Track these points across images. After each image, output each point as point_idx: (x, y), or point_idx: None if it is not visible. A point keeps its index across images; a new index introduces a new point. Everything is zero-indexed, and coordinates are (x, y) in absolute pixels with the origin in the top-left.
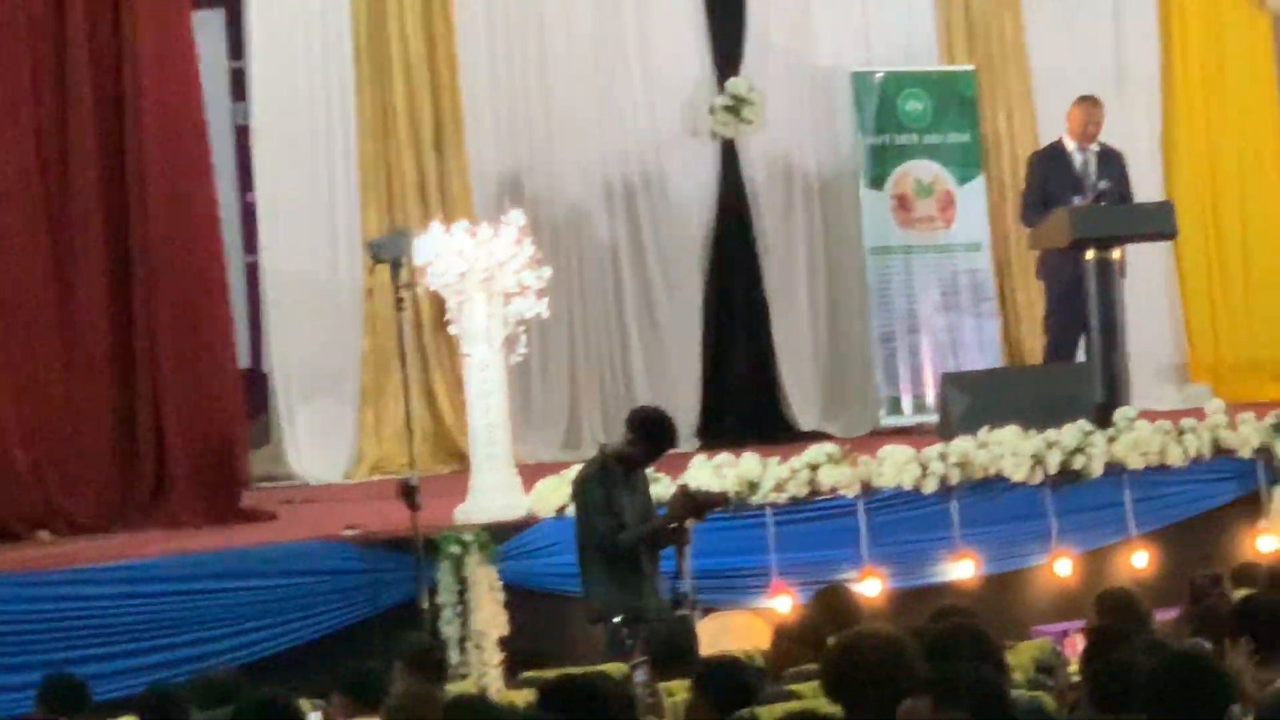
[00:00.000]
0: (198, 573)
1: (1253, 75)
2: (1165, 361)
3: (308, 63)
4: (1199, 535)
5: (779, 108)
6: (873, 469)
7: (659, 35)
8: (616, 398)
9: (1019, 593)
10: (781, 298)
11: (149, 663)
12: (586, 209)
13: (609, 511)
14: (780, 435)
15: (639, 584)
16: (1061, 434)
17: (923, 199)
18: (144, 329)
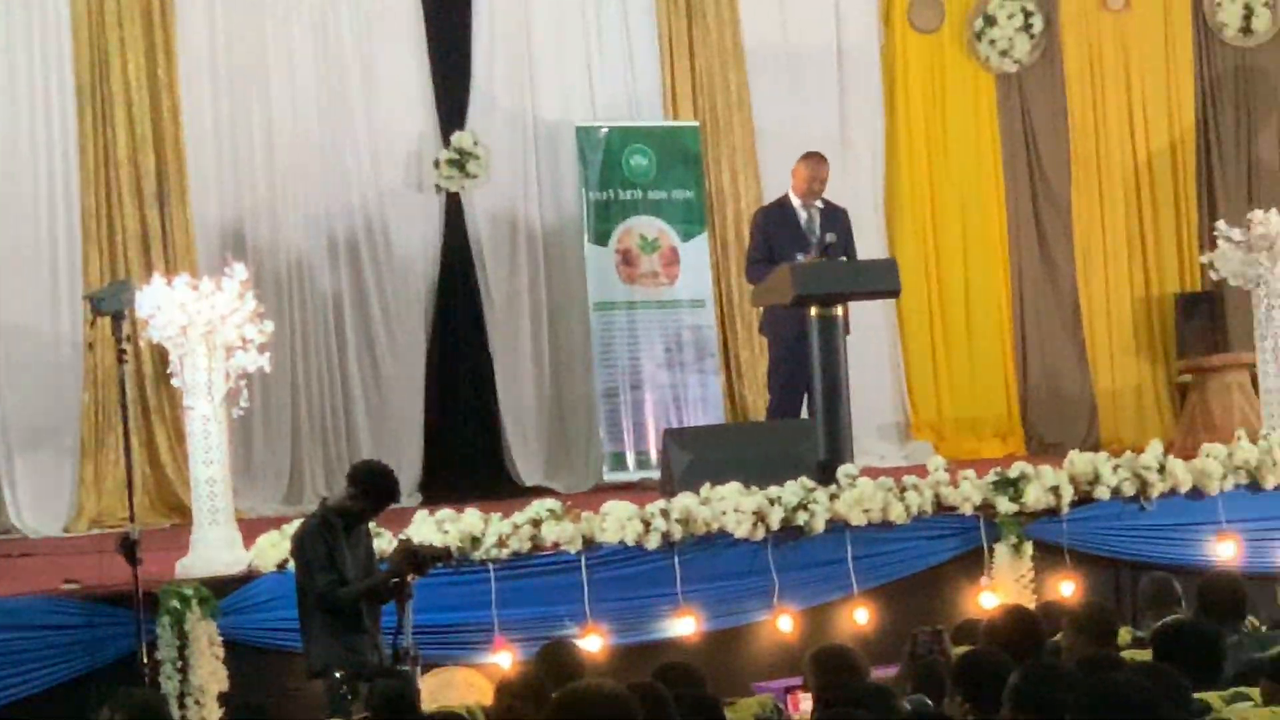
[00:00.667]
0: None
1: (976, 135)
2: (887, 419)
3: (29, 111)
4: (921, 592)
5: (504, 162)
6: (595, 525)
7: (384, 88)
8: (339, 452)
9: (741, 649)
10: (506, 352)
11: None
12: (310, 262)
13: (329, 566)
14: (503, 491)
15: (359, 639)
16: (784, 491)
17: (647, 255)
18: None
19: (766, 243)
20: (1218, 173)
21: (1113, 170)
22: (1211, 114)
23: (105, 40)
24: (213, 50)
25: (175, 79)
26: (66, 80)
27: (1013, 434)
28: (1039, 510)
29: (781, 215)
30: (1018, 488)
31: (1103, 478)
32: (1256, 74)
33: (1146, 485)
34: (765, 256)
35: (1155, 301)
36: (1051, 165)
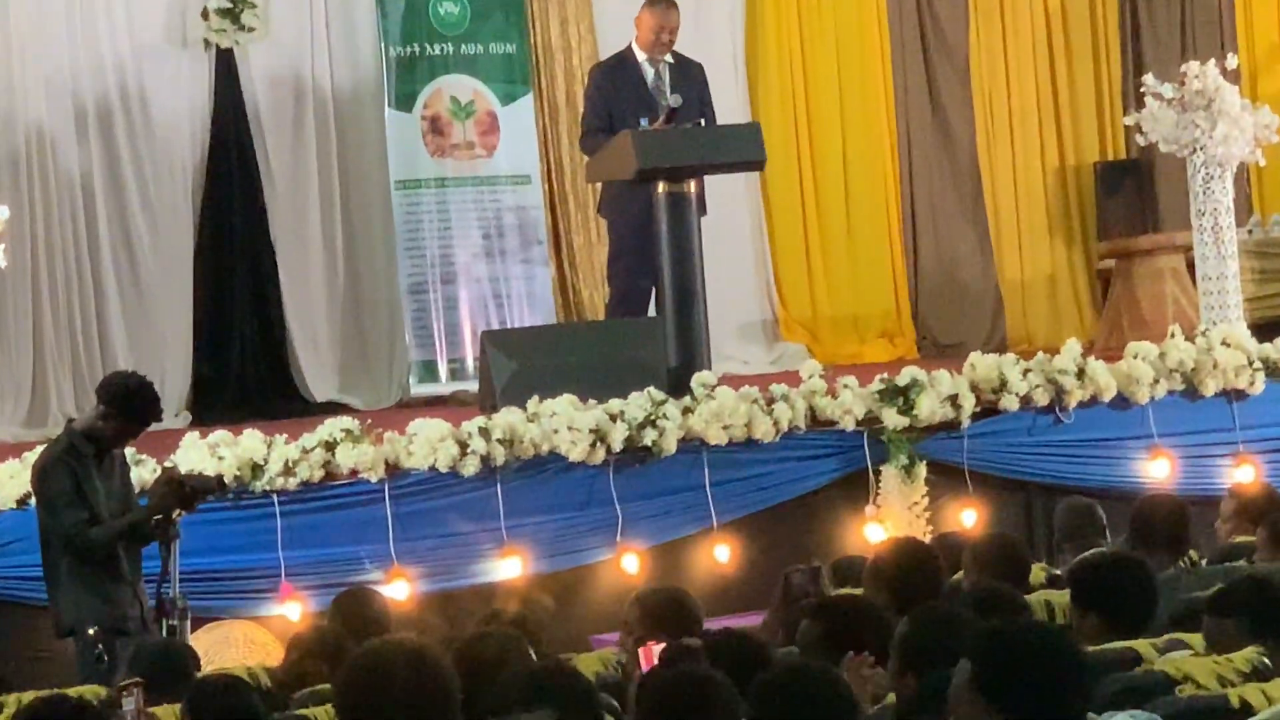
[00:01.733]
0: None
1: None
2: (752, 317)
3: None
4: (793, 524)
5: (286, 11)
6: (401, 448)
7: None
8: (90, 363)
9: (579, 595)
10: (291, 241)
11: None
12: (53, 135)
13: (77, 502)
14: (290, 408)
15: (117, 589)
16: (627, 404)
17: (460, 122)
18: None
19: (605, 107)
20: (1144, 18)
21: (1019, 15)
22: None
23: None
24: None
25: None
26: None
27: (902, 334)
28: (934, 425)
29: (623, 73)
30: (908, 398)
31: (1010, 384)
32: None
33: (1063, 393)
34: (604, 125)
35: (1071, 173)
36: (945, 11)
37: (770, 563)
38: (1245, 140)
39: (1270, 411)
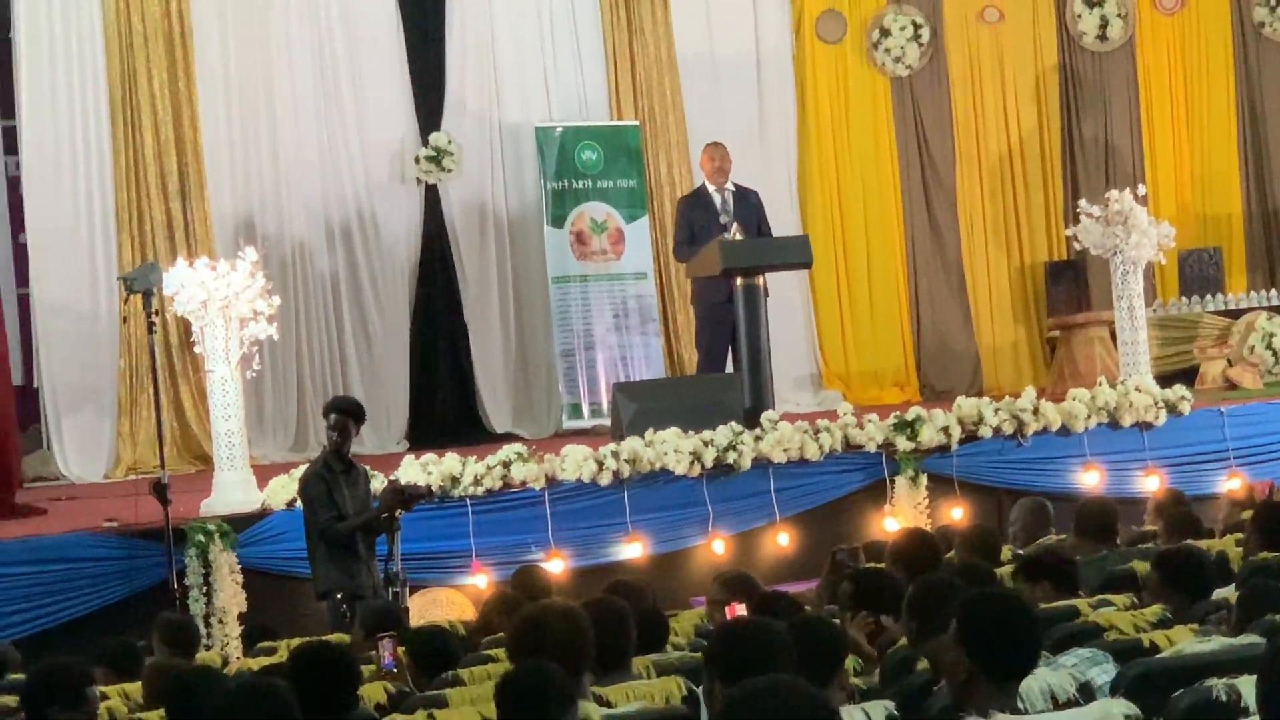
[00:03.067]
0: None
1: (874, 125)
2: (803, 371)
3: (69, 121)
4: (833, 518)
5: (474, 157)
6: (556, 465)
7: (370, 96)
8: None
9: (681, 569)
10: (478, 320)
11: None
12: (310, 246)
13: (329, 504)
14: (478, 437)
15: (356, 566)
16: (716, 434)
17: (597, 235)
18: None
19: (688, 226)
20: (1079, 159)
21: (990, 158)
22: (1074, 108)
23: (134, 60)
24: (225, 67)
25: (194, 92)
26: (101, 94)
27: (909, 383)
28: (932, 447)
29: (698, 201)
30: (914, 428)
31: (985, 419)
32: (1111, 74)
33: (1023, 425)
34: (687, 238)
35: (1028, 269)
36: (938, 154)
37: (817, 546)
38: (1151, 246)
39: (1169, 437)
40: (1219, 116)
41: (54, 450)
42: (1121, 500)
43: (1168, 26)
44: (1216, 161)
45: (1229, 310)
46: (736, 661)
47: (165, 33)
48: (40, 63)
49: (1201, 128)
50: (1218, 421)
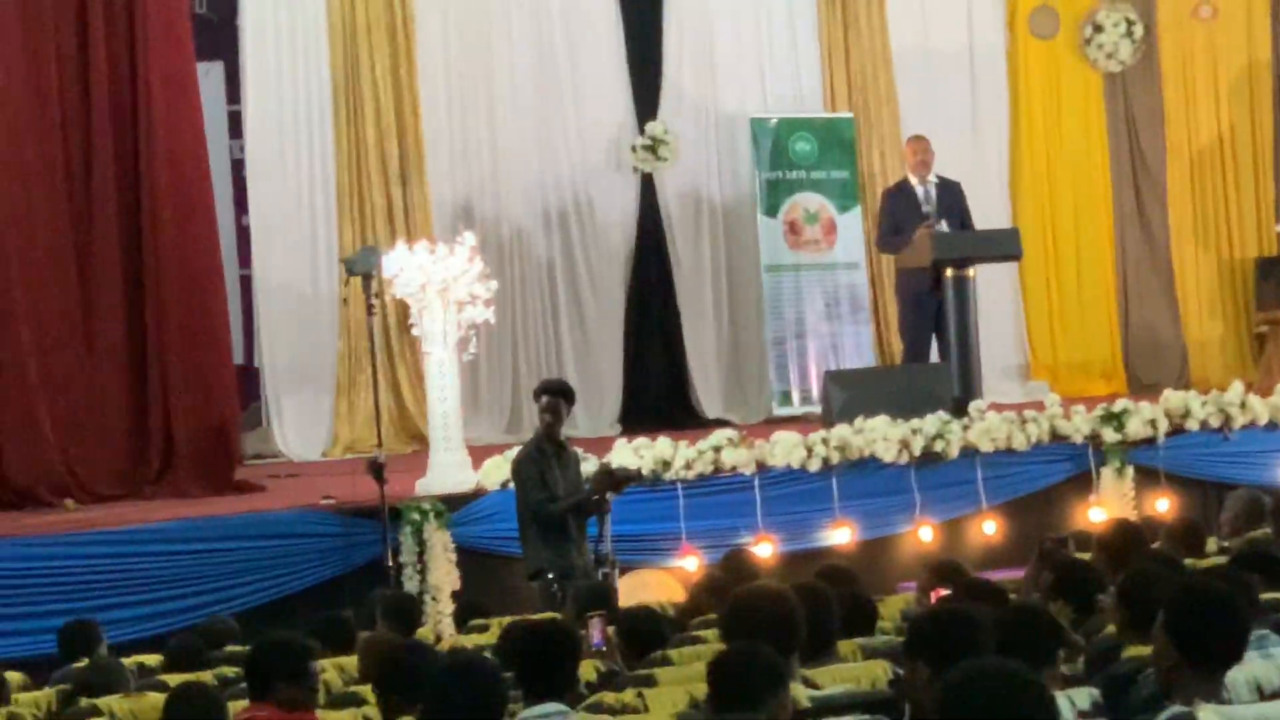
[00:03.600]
0: (199, 535)
1: (1085, 120)
2: (1010, 362)
3: (293, 106)
4: (1039, 507)
5: (689, 147)
6: (766, 451)
7: (588, 85)
8: None
9: (888, 555)
10: (691, 307)
11: (158, 611)
12: (527, 231)
13: (541, 485)
14: (689, 422)
15: (567, 546)
16: (924, 422)
17: (810, 225)
18: (154, 330)
19: (892, 217)
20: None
21: (1201, 154)
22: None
23: (356, 48)
24: (446, 54)
25: (415, 79)
26: (324, 80)
27: (1116, 375)
28: (1139, 439)
29: (902, 194)
30: (1121, 420)
31: (1193, 412)
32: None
33: (1230, 418)
34: (890, 230)
35: (1237, 263)
36: (1149, 149)
37: (1023, 535)
38: None
39: None
40: None
41: (273, 428)
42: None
43: None
44: None
45: None
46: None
47: (388, 20)
48: (265, 49)
49: None
50: None
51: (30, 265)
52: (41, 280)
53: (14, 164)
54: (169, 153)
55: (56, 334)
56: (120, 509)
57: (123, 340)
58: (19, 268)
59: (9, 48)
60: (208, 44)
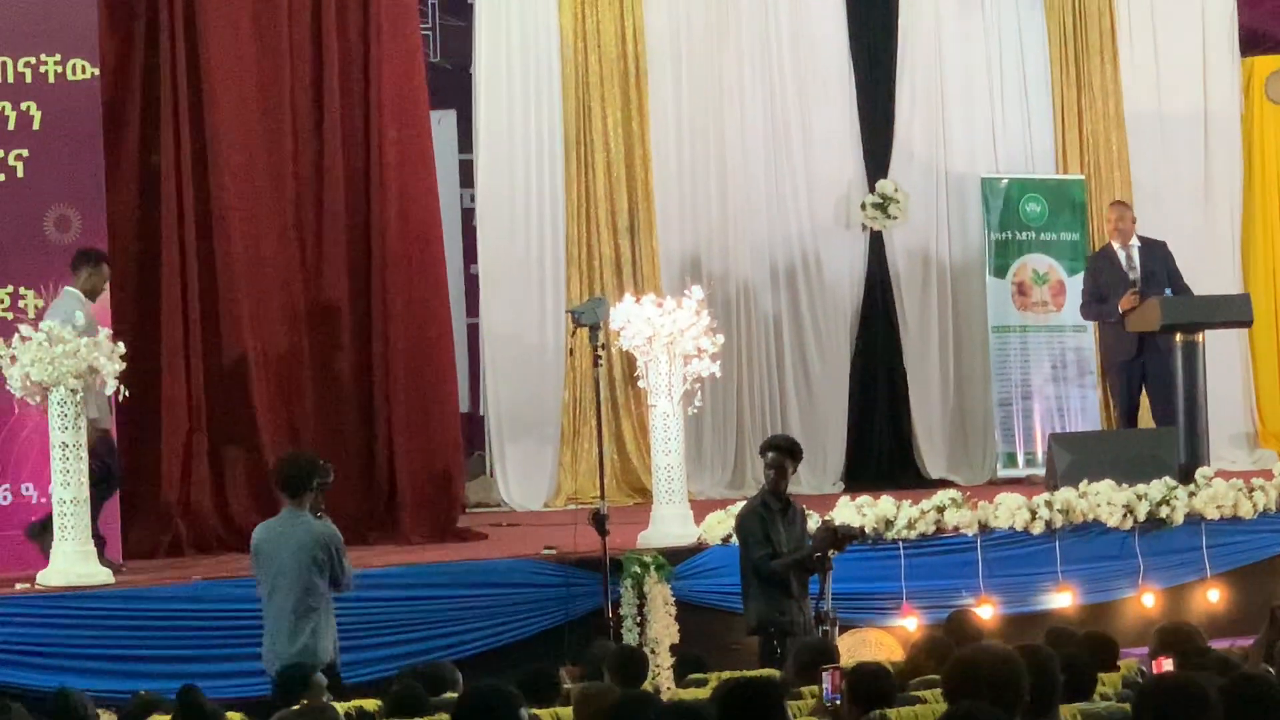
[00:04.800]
0: (421, 581)
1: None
2: (1239, 430)
3: (524, 157)
4: (1264, 576)
5: (919, 206)
6: (990, 512)
7: (818, 141)
8: None
9: (1110, 621)
10: (916, 365)
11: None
12: (755, 286)
13: (764, 541)
14: (912, 482)
15: (789, 603)
16: (1149, 488)
17: (1038, 287)
18: (382, 378)
19: (1095, 283)
20: None
21: None
22: None
23: (589, 98)
24: (678, 109)
25: (647, 132)
26: (556, 130)
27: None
28: None
29: (1104, 259)
30: None
31: None
32: None
33: None
34: (1095, 296)
35: None
36: None
37: (1247, 603)
38: None
39: None
40: None
41: (496, 477)
42: None
43: None
44: None
45: None
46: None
47: (621, 72)
48: (499, 98)
49: None
50: None
51: (263, 312)
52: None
53: (249, 212)
54: (401, 200)
55: (288, 386)
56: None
57: (351, 387)
58: (251, 321)
59: (247, 99)
60: (442, 92)
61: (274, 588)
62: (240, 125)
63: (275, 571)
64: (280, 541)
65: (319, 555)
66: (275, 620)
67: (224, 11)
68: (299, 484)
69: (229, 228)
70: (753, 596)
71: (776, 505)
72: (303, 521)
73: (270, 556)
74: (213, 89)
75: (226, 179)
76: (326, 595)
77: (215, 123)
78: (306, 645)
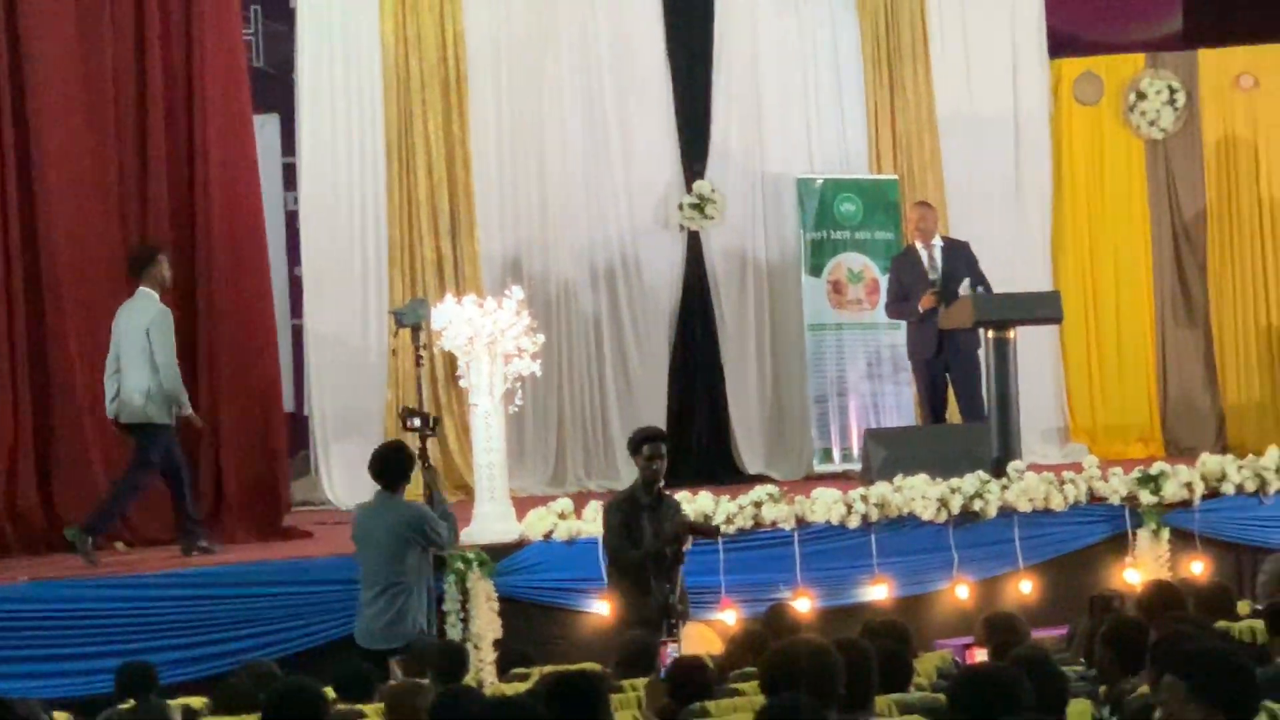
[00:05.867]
0: (246, 580)
1: (1127, 186)
2: (1050, 424)
3: (347, 160)
4: (1075, 567)
5: (736, 206)
6: (806, 507)
7: (637, 144)
8: (595, 443)
9: (925, 612)
10: (735, 364)
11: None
12: (575, 287)
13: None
14: (730, 477)
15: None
16: (963, 482)
17: (853, 285)
18: (207, 379)
19: (899, 283)
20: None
21: (1242, 221)
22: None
23: (410, 102)
24: (498, 113)
25: (467, 135)
26: (378, 135)
27: (1154, 439)
28: (1175, 502)
29: (908, 259)
30: (1157, 483)
31: (1229, 476)
32: None
33: (1265, 483)
34: (898, 295)
35: (1275, 330)
36: (1190, 216)
37: (1058, 594)
38: None
39: None
40: None
41: (321, 476)
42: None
43: None
44: None
45: None
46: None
47: (441, 77)
48: (321, 102)
49: None
50: None
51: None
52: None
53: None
54: (225, 204)
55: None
56: (170, 553)
57: None
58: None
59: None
60: (264, 97)
61: (366, 568)
62: (63, 132)
63: (367, 553)
64: (371, 524)
65: (407, 535)
66: (366, 598)
67: (46, 19)
68: (393, 475)
69: (54, 233)
70: (616, 591)
71: (646, 499)
72: (393, 504)
73: (362, 539)
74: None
75: (51, 184)
76: (418, 571)
77: (37, 128)
78: (392, 622)
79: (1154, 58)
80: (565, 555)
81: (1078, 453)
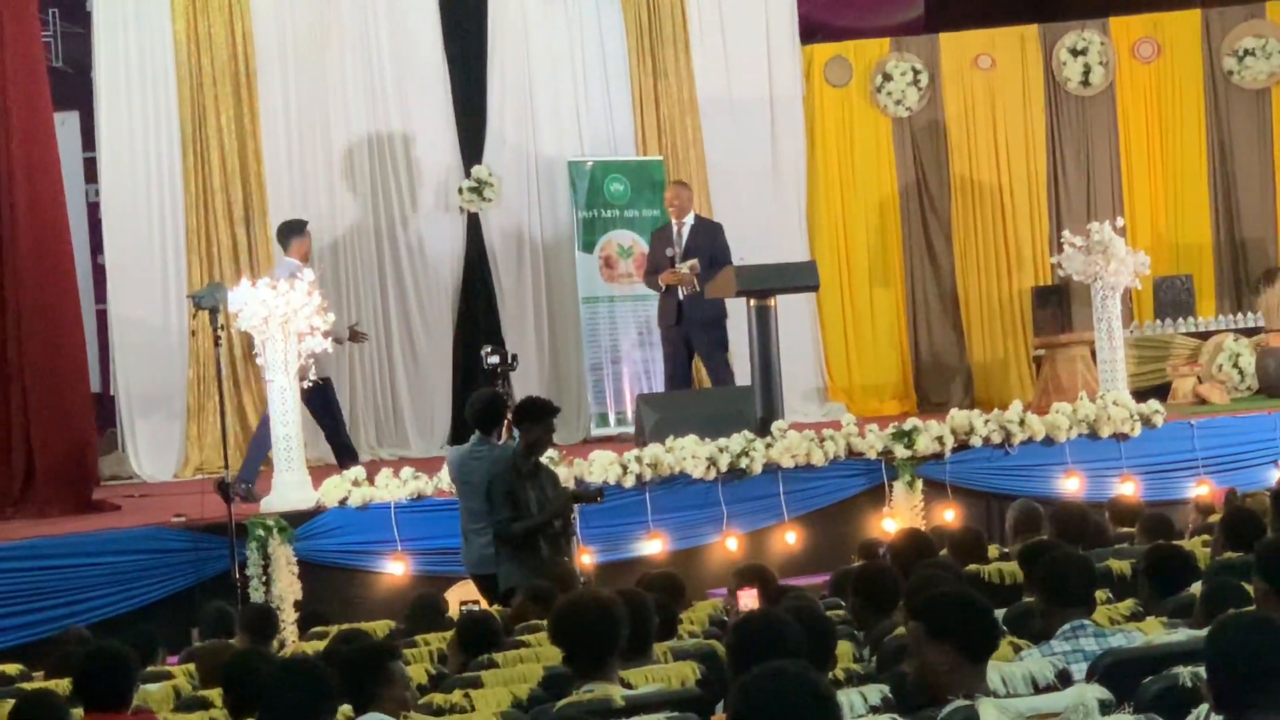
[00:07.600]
0: (58, 552)
1: (876, 161)
2: (810, 385)
3: (144, 154)
4: (837, 518)
5: (512, 188)
6: (585, 468)
7: (418, 131)
8: (385, 413)
9: (697, 564)
10: (514, 336)
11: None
12: (363, 268)
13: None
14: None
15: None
16: (730, 441)
17: (623, 260)
18: (15, 361)
19: (653, 256)
20: (1063, 193)
21: (983, 192)
22: (1058, 147)
23: (203, 98)
24: (287, 106)
25: (258, 128)
26: (173, 128)
27: (907, 396)
28: (927, 455)
29: (662, 234)
30: (911, 437)
31: (976, 429)
32: (1093, 116)
33: (1010, 435)
34: (652, 268)
35: (1016, 293)
36: (935, 188)
37: (821, 544)
38: (1128, 273)
39: (1143, 447)
40: (1191, 155)
41: (128, 452)
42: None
43: (1145, 74)
44: (1188, 196)
45: (1199, 332)
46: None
47: (232, 73)
48: (118, 99)
49: (1175, 165)
50: (1188, 433)
51: None
52: None
53: None
54: (29, 198)
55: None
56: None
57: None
58: None
59: None
60: (64, 95)
61: (469, 505)
62: None
63: (468, 492)
64: (472, 466)
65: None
66: (472, 530)
67: None
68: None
69: None
70: (503, 560)
71: (525, 467)
72: (485, 450)
73: (463, 481)
74: None
75: None
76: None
77: None
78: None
79: (898, 42)
80: (360, 520)
81: (836, 411)
